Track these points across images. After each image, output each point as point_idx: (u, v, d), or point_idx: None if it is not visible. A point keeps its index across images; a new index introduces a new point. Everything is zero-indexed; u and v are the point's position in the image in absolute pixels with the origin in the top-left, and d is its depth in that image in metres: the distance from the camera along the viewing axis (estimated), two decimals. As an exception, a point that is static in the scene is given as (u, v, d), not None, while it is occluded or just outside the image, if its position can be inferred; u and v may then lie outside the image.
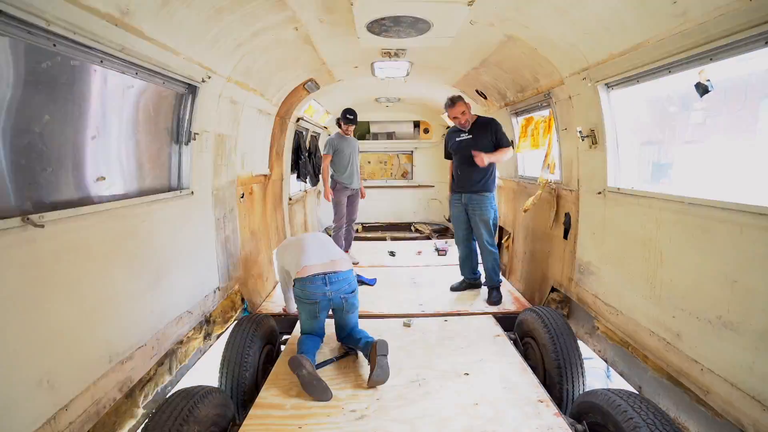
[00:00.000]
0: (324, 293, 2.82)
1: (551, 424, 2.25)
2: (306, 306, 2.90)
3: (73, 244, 1.82)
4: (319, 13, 2.86)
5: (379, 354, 2.64)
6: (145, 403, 2.30)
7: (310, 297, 2.83)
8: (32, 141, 1.68)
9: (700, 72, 2.04)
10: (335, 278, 2.86)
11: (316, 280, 2.82)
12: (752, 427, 1.79)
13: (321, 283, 2.82)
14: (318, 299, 2.83)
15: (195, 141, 2.81)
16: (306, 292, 2.83)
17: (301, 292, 2.85)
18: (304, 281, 2.83)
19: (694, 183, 3.32)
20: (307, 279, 2.82)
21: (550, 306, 3.59)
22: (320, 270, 2.85)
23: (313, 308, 2.88)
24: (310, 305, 2.87)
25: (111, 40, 1.85)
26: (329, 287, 2.83)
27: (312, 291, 2.82)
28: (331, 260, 2.94)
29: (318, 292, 2.82)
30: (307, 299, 2.85)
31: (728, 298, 1.94)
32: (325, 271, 2.86)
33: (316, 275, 2.83)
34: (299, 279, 2.84)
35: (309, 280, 2.81)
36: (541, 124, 3.94)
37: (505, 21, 2.86)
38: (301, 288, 2.85)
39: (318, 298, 2.83)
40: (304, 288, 2.83)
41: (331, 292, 2.84)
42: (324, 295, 2.83)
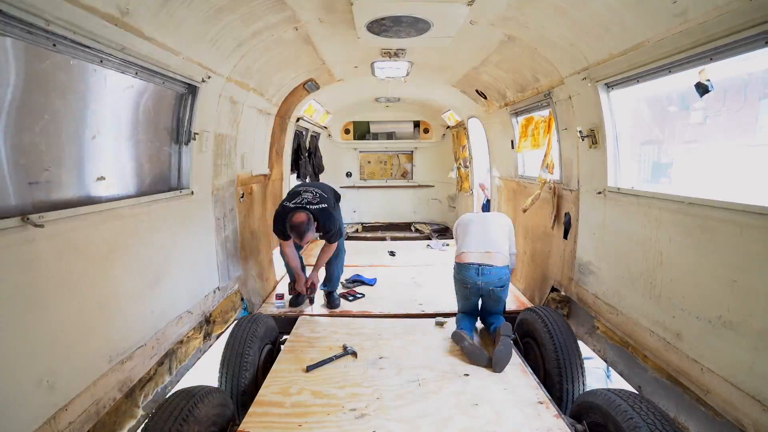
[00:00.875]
0: (475, 282, 3.18)
1: (551, 425, 2.25)
2: (461, 287, 3.29)
3: (73, 244, 1.82)
4: (319, 13, 2.86)
5: (503, 334, 2.95)
6: (145, 403, 2.30)
7: (464, 281, 3.23)
8: (32, 141, 1.68)
9: (701, 72, 2.04)
10: (488, 271, 3.18)
11: (471, 268, 3.20)
12: (752, 427, 1.79)
13: (474, 273, 3.18)
14: (470, 285, 3.21)
15: (195, 141, 2.81)
16: (461, 275, 3.24)
17: (458, 274, 3.28)
18: (461, 267, 3.26)
19: (692, 182, 3.32)
20: (463, 266, 3.24)
21: (550, 306, 3.59)
22: (476, 260, 3.21)
23: (466, 291, 3.26)
24: (464, 288, 3.26)
25: (111, 40, 1.84)
26: (481, 278, 3.17)
27: (465, 277, 3.21)
28: (487, 251, 3.25)
29: (470, 279, 3.19)
30: (462, 282, 3.25)
31: (728, 298, 1.94)
32: (480, 262, 3.20)
33: (471, 264, 3.20)
34: (458, 263, 3.28)
35: (465, 267, 3.23)
36: (541, 124, 3.93)
37: (505, 21, 2.86)
38: (458, 271, 3.28)
39: (470, 284, 3.20)
40: (460, 271, 3.26)
41: (483, 282, 3.17)
42: (475, 284, 3.19)
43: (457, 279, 3.30)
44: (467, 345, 2.95)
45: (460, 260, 3.28)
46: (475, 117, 5.92)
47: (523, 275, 4.52)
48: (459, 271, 3.28)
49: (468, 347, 2.93)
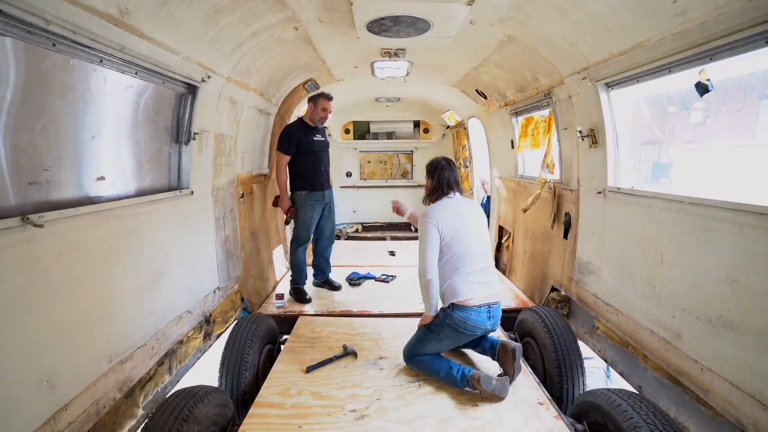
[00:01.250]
0: (485, 327, 2.59)
1: (551, 426, 2.25)
2: (462, 336, 2.61)
3: (72, 244, 1.82)
4: (319, 13, 2.86)
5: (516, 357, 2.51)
6: (145, 403, 2.30)
7: (472, 329, 2.55)
8: (32, 141, 1.68)
9: (701, 72, 2.04)
10: (496, 311, 2.63)
11: (482, 312, 2.55)
12: (752, 426, 1.79)
13: (486, 317, 2.55)
14: (479, 332, 2.60)
15: (195, 141, 2.81)
16: (469, 324, 2.54)
17: (464, 323, 2.53)
18: (469, 312, 2.52)
19: (693, 182, 3.32)
20: (473, 310, 2.52)
21: (550, 306, 3.59)
22: (485, 300, 2.57)
23: (468, 338, 2.63)
24: (468, 336, 2.61)
25: (111, 40, 1.84)
26: (491, 321, 2.60)
27: (475, 323, 2.54)
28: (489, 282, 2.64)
29: (481, 325, 2.56)
30: (468, 331, 2.56)
31: (728, 297, 1.94)
32: (489, 302, 2.58)
33: (481, 306, 2.55)
34: (462, 308, 2.52)
35: (475, 311, 2.52)
36: (541, 124, 3.93)
37: (505, 21, 2.86)
38: (465, 318, 2.52)
39: (480, 331, 2.59)
40: (468, 319, 2.52)
41: (492, 324, 2.61)
42: (485, 329, 2.60)
43: (459, 326, 2.55)
44: (497, 384, 2.41)
45: (465, 304, 2.53)
46: (475, 117, 5.92)
47: (523, 275, 4.52)
48: (467, 317, 2.52)
49: (498, 386, 2.42)
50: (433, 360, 2.67)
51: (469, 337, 2.65)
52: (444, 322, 2.61)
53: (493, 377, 2.46)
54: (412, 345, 2.79)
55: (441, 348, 2.73)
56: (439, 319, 2.64)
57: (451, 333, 2.61)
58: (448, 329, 2.60)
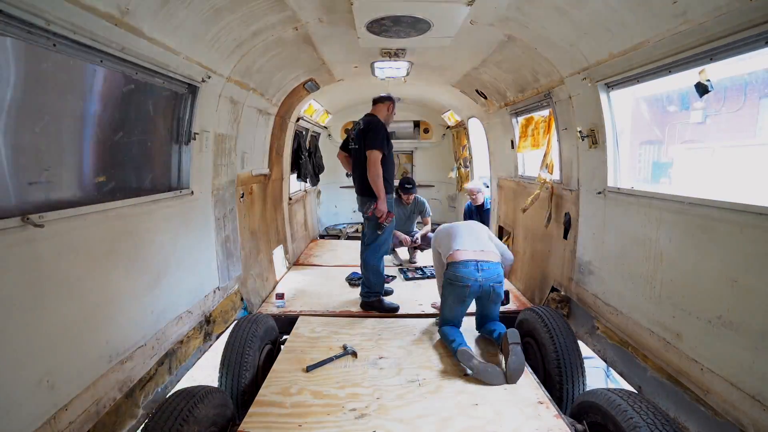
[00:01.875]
0: (476, 278, 2.97)
1: (551, 425, 2.25)
2: (457, 289, 3.01)
3: (73, 244, 1.82)
4: (319, 13, 2.86)
5: (511, 342, 2.75)
6: (145, 403, 2.30)
7: (462, 280, 2.97)
8: (32, 141, 1.68)
9: (701, 72, 2.04)
10: (487, 266, 3.01)
11: (470, 265, 2.98)
12: (752, 426, 1.79)
13: (474, 269, 2.98)
14: (470, 284, 2.97)
15: (195, 141, 2.81)
16: (458, 274, 2.97)
17: (454, 275, 2.99)
18: (458, 265, 2.99)
19: (693, 182, 3.31)
20: (461, 263, 2.99)
21: (550, 306, 3.59)
22: (473, 257, 3.02)
23: (463, 291, 3.00)
24: (462, 288, 2.99)
25: (111, 40, 1.84)
26: (481, 274, 2.98)
27: (465, 275, 2.96)
28: (482, 250, 3.11)
29: (470, 276, 2.96)
30: (459, 282, 2.98)
31: (728, 298, 1.94)
32: (478, 258, 3.02)
33: (469, 260, 3.00)
34: (452, 263, 3.00)
35: (463, 264, 2.98)
36: (541, 124, 3.93)
37: (505, 21, 2.86)
38: (455, 271, 2.99)
39: (470, 282, 2.97)
40: (457, 270, 2.98)
41: (483, 278, 2.98)
42: (476, 280, 2.97)
43: (452, 280, 3.02)
44: (478, 364, 2.70)
45: (454, 258, 3.04)
46: (475, 117, 5.92)
47: (523, 275, 4.52)
48: (455, 270, 2.99)
49: (479, 366, 2.69)
50: (448, 332, 3.08)
51: (464, 290, 2.99)
52: (445, 281, 3.11)
53: (474, 357, 2.74)
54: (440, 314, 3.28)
55: (452, 308, 3.13)
56: (443, 281, 3.14)
57: (449, 288, 3.07)
58: (446, 286, 3.09)
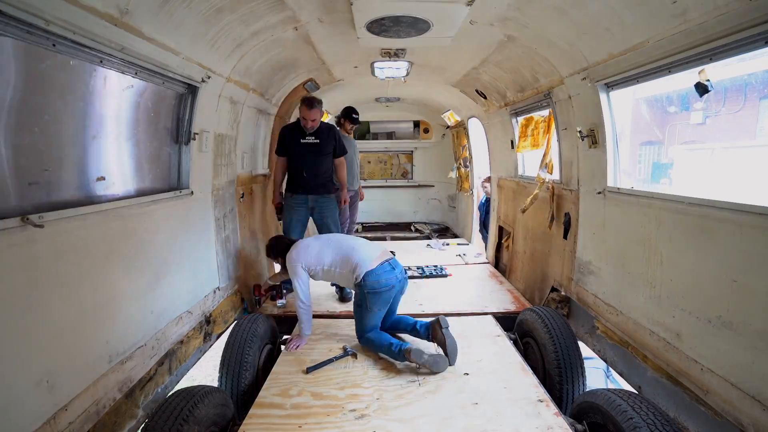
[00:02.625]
0: (396, 277, 3.04)
1: (551, 423, 2.25)
2: (384, 294, 3.02)
3: (73, 244, 1.82)
4: (318, 13, 2.86)
5: (443, 327, 2.86)
6: (145, 403, 2.30)
7: (386, 284, 3.00)
8: (32, 141, 1.68)
9: (701, 72, 2.04)
10: (394, 263, 3.12)
11: (386, 267, 3.03)
12: (752, 426, 1.79)
13: (390, 269, 3.04)
14: (394, 283, 3.03)
15: (195, 141, 2.81)
16: (382, 281, 2.99)
17: (377, 282, 2.98)
18: (377, 273, 2.99)
19: (692, 182, 3.32)
20: (379, 269, 3.00)
21: (550, 306, 3.59)
22: (382, 259, 3.06)
23: (390, 294, 3.05)
24: (388, 291, 3.02)
25: (111, 40, 1.84)
26: (396, 270, 3.07)
27: (387, 278, 3.00)
28: (382, 251, 3.17)
29: (391, 277, 3.01)
30: (384, 287, 3.00)
31: (728, 298, 1.94)
32: (385, 258, 3.07)
33: (383, 263, 3.03)
34: (371, 272, 2.98)
35: (381, 269, 3.00)
36: (540, 124, 3.93)
37: (505, 21, 2.86)
38: (377, 278, 2.98)
39: (393, 282, 3.02)
40: (378, 279, 2.98)
41: (400, 273, 3.08)
42: (396, 278, 3.04)
43: (377, 288, 2.96)
44: (429, 358, 2.75)
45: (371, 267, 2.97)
46: (475, 117, 5.92)
47: (523, 275, 4.52)
48: (377, 278, 2.95)
49: (431, 359, 2.75)
50: (378, 337, 3.05)
51: (391, 292, 3.04)
52: (365, 293, 3.01)
53: (425, 352, 2.79)
54: (358, 325, 3.15)
55: (375, 317, 3.09)
56: (359, 294, 3.05)
57: (374, 297, 3.01)
58: (370, 296, 3.00)
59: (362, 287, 2.99)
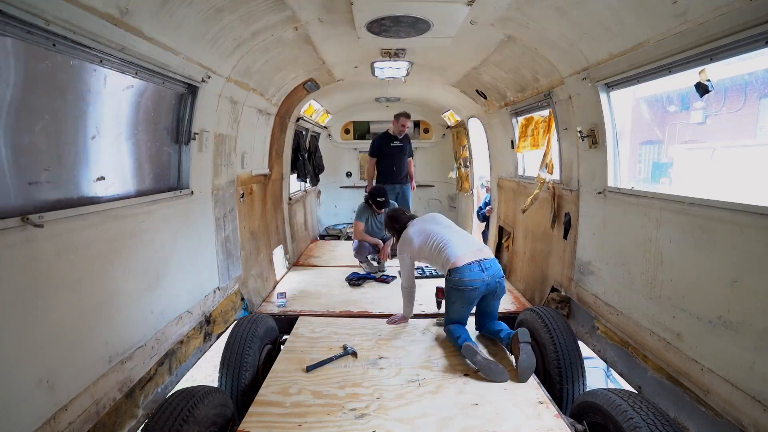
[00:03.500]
0: (482, 279, 3.01)
1: (551, 425, 2.25)
2: (465, 293, 3.04)
3: (73, 244, 1.82)
4: (319, 13, 2.86)
5: (522, 341, 2.76)
6: (145, 403, 2.30)
7: (469, 284, 3.00)
8: (32, 141, 1.68)
9: (701, 72, 2.04)
10: (488, 264, 3.07)
11: (474, 267, 3.01)
12: (752, 427, 1.79)
13: (478, 270, 3.02)
14: (477, 285, 3.01)
15: (195, 141, 2.81)
16: (464, 278, 3.00)
17: (460, 280, 3.01)
18: (462, 270, 3.00)
19: (692, 182, 3.31)
20: (465, 267, 3.01)
21: (550, 306, 3.59)
22: (474, 257, 3.06)
23: (473, 294, 3.05)
24: (470, 291, 3.03)
25: (111, 40, 1.84)
26: (486, 273, 3.03)
27: (471, 278, 3.00)
28: (478, 249, 3.19)
29: (477, 278, 3.00)
30: (467, 286, 3.01)
31: (728, 298, 1.94)
32: (478, 258, 3.07)
33: (471, 263, 3.02)
34: (455, 268, 3.01)
35: (467, 268, 3.01)
36: (541, 124, 3.93)
37: (505, 21, 2.86)
38: (461, 276, 3.00)
39: (477, 284, 3.01)
40: (462, 275, 3.00)
41: (489, 276, 3.04)
42: (482, 280, 3.01)
43: (459, 285, 3.02)
44: (482, 360, 2.73)
45: (456, 264, 3.02)
46: (475, 117, 5.92)
47: (523, 275, 4.52)
48: (461, 275, 2.99)
49: (483, 362, 2.72)
50: (455, 329, 3.10)
51: (473, 293, 3.04)
52: (449, 288, 3.11)
53: (479, 352, 2.77)
54: (445, 315, 3.26)
55: (460, 311, 3.15)
56: (446, 286, 3.15)
57: (456, 293, 3.08)
58: (453, 292, 3.09)
59: (447, 281, 3.11)
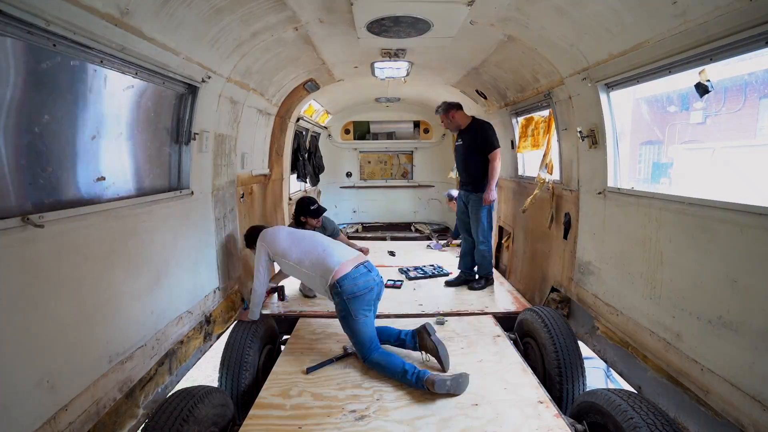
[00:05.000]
0: (373, 279, 2.84)
1: (551, 425, 2.25)
2: (365, 297, 2.78)
3: (73, 244, 1.82)
4: (319, 13, 2.86)
5: (431, 334, 2.76)
6: (145, 403, 2.30)
7: (364, 287, 2.77)
8: (32, 141, 1.68)
9: (701, 72, 2.04)
10: (370, 266, 2.92)
11: (360, 270, 2.83)
12: (752, 427, 1.79)
13: (366, 271, 2.85)
14: (373, 285, 2.82)
15: (195, 141, 2.81)
16: (360, 284, 2.77)
17: (354, 285, 2.76)
18: (352, 276, 2.77)
19: (692, 182, 3.32)
20: (353, 272, 2.79)
21: (550, 306, 3.59)
22: (356, 262, 2.87)
23: (370, 296, 2.82)
24: (368, 294, 2.79)
25: (111, 40, 1.84)
26: (373, 273, 2.88)
27: (365, 280, 2.80)
28: (356, 254, 2.99)
29: (369, 279, 2.82)
30: (363, 290, 2.77)
31: (728, 298, 1.94)
32: (360, 261, 2.89)
33: (356, 267, 2.84)
34: (343, 277, 2.76)
35: (356, 273, 2.79)
36: (541, 124, 3.93)
37: (505, 21, 2.86)
38: (353, 282, 2.76)
39: (372, 284, 2.82)
40: (356, 282, 2.77)
41: (377, 276, 2.88)
42: (374, 280, 2.84)
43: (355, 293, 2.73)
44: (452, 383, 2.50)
45: (343, 272, 2.74)
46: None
47: (523, 275, 4.52)
48: (353, 281, 2.73)
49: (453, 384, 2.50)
50: (387, 360, 2.75)
51: (371, 295, 2.81)
52: (344, 300, 2.75)
53: (447, 379, 2.53)
54: (355, 344, 2.89)
55: (366, 325, 2.82)
56: (339, 303, 2.79)
57: (356, 302, 2.75)
58: (351, 302, 2.75)
59: (340, 294, 2.74)
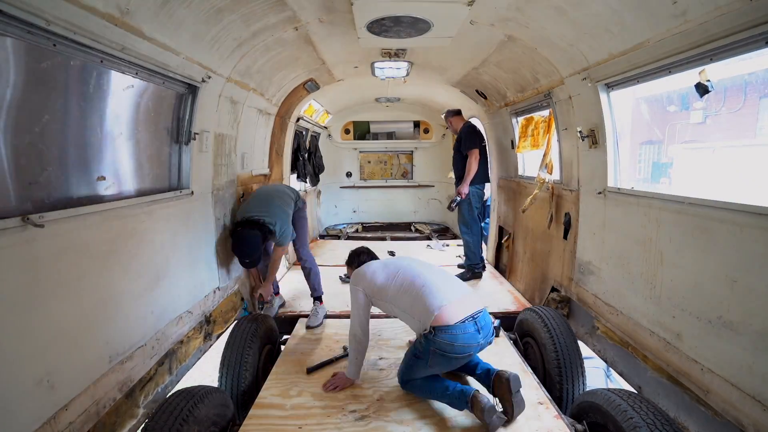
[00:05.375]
0: (478, 343, 2.20)
1: (551, 426, 2.25)
2: (454, 360, 2.22)
3: (73, 244, 1.82)
4: (319, 13, 2.86)
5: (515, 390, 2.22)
6: (145, 403, 2.30)
7: (462, 351, 2.16)
8: (32, 141, 1.68)
9: (701, 72, 2.04)
10: (482, 321, 2.25)
11: (468, 327, 2.18)
12: (752, 427, 1.79)
13: (474, 331, 2.20)
14: (473, 351, 2.22)
15: (195, 141, 2.81)
16: (457, 344, 2.15)
17: (450, 346, 2.16)
18: (453, 330, 2.14)
19: (692, 182, 3.31)
20: (458, 327, 2.15)
21: (550, 306, 3.59)
22: (466, 312, 2.23)
23: (462, 362, 2.27)
24: (463, 358, 2.22)
25: (111, 40, 1.84)
26: (481, 334, 2.22)
27: (464, 342, 2.16)
28: (466, 294, 2.38)
29: (472, 342, 2.18)
30: (458, 353, 2.17)
31: (728, 298, 1.94)
32: (471, 312, 2.23)
33: (465, 320, 2.19)
34: (443, 327, 2.16)
35: (461, 328, 2.16)
36: (541, 124, 3.93)
37: (505, 21, 2.86)
38: (452, 340, 2.15)
39: (474, 350, 2.21)
40: (455, 340, 2.15)
41: (484, 339, 2.23)
42: (479, 344, 2.21)
43: (447, 352, 2.18)
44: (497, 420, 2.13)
45: (443, 321, 2.17)
46: (475, 117, 5.92)
47: (523, 275, 4.52)
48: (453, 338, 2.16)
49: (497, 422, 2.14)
50: (427, 382, 2.39)
51: (462, 360, 2.29)
52: (428, 349, 2.23)
53: (496, 411, 2.16)
54: (404, 371, 2.49)
55: (434, 373, 2.42)
56: (423, 345, 2.28)
57: (440, 359, 2.24)
58: (435, 356, 2.23)
59: (429, 341, 2.21)
